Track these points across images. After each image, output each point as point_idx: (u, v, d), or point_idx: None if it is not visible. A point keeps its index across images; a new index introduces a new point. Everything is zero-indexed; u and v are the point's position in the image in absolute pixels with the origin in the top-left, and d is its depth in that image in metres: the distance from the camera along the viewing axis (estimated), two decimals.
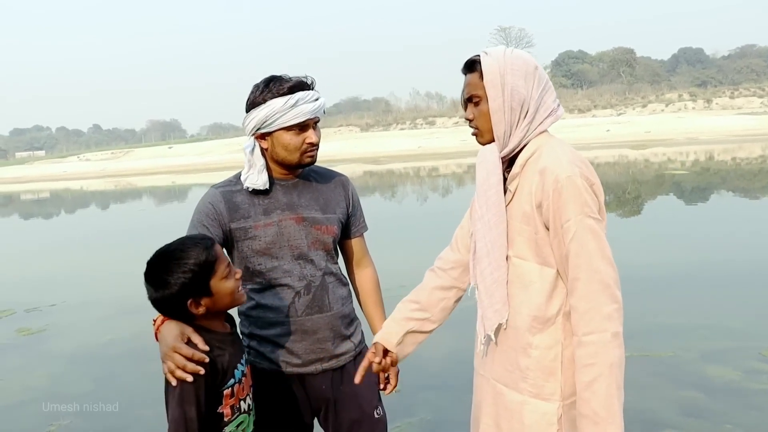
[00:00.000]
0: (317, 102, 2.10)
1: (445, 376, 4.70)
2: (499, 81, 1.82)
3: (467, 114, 1.93)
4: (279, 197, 2.17)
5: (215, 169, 39.95)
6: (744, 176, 18.85)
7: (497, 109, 1.83)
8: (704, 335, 5.27)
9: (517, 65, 1.83)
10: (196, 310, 1.77)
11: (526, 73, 1.83)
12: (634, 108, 60.63)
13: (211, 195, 2.18)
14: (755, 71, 74.34)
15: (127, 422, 4.42)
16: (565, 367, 1.83)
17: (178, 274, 1.74)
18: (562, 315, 1.82)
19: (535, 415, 1.84)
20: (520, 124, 1.84)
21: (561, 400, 1.83)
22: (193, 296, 1.76)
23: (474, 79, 1.87)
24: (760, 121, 42.99)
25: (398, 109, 76.01)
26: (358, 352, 2.27)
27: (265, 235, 2.12)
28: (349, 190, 2.32)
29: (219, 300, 1.80)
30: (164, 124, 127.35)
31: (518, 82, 1.82)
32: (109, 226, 17.49)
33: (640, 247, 8.91)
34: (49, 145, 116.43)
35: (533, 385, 1.84)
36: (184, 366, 1.72)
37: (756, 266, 7.55)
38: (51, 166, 62.15)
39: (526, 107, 1.83)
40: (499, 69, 1.82)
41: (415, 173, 25.56)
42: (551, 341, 1.83)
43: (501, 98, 1.82)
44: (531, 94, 1.83)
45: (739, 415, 3.87)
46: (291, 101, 2.05)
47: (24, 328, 6.97)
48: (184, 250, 1.78)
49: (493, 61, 1.84)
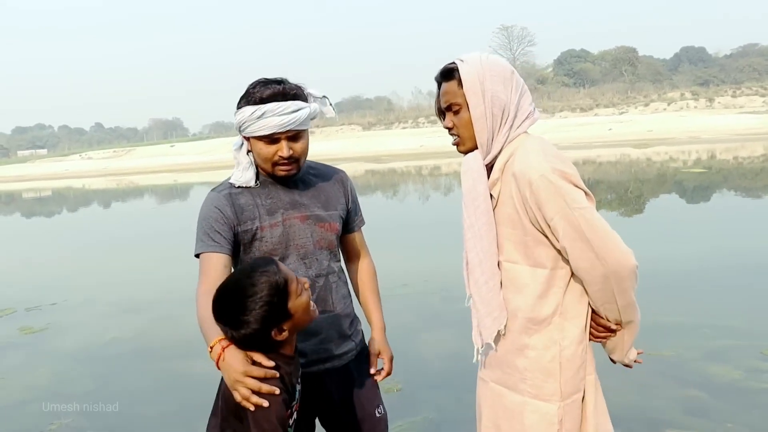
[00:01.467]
0: (294, 114, 1.99)
1: (447, 376, 4.69)
2: (479, 88, 1.81)
3: (446, 123, 1.91)
4: (281, 196, 2.14)
5: (217, 168, 39.96)
6: (746, 175, 18.82)
7: (479, 117, 1.82)
8: (707, 334, 5.26)
9: (495, 71, 1.83)
10: (281, 336, 1.72)
11: (504, 78, 1.84)
12: (636, 107, 60.50)
13: (215, 199, 2.11)
14: (757, 70, 74.19)
15: (129, 421, 4.41)
16: (563, 367, 1.83)
17: (256, 311, 1.66)
18: (558, 315, 1.83)
19: (535, 415, 1.84)
20: (501, 130, 1.84)
21: (561, 401, 1.83)
22: (275, 324, 1.70)
23: (452, 87, 1.86)
24: (763, 120, 42.87)
25: (400, 107, 75.92)
26: (359, 350, 2.28)
27: (272, 236, 2.10)
28: (347, 186, 2.30)
29: (299, 319, 1.75)
30: (166, 123, 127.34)
31: (497, 87, 1.82)
32: (111, 225, 17.51)
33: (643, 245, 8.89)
34: (51, 144, 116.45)
35: (532, 386, 1.84)
36: (260, 388, 1.66)
37: (758, 265, 7.54)
38: (53, 164, 62.19)
39: (507, 112, 1.83)
40: (478, 76, 1.81)
41: (417, 172, 25.54)
42: (548, 342, 1.83)
43: (482, 105, 1.81)
44: (510, 98, 1.84)
45: (742, 414, 3.86)
46: (258, 112, 1.98)
47: (26, 327, 6.97)
48: (255, 284, 1.68)
49: (471, 68, 1.83)
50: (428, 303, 6.39)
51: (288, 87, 2.03)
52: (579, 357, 1.86)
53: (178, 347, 5.88)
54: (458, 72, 1.84)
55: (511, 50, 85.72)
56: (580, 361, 1.87)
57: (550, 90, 71.40)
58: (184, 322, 6.37)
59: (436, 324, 5.81)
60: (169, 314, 6.99)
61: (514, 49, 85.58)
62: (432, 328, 5.75)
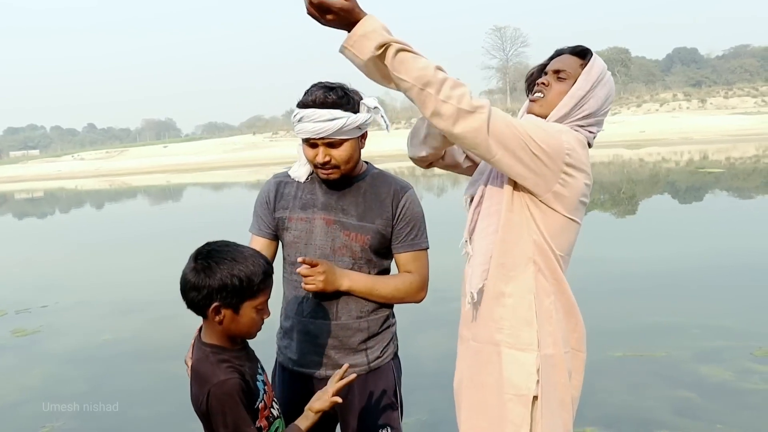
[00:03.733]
0: (328, 123, 2.01)
1: (441, 377, 4.68)
2: (595, 79, 1.95)
3: (544, 79, 2.01)
4: (319, 195, 2.19)
5: (210, 169, 39.87)
6: (738, 176, 18.91)
7: (573, 97, 1.93)
8: (697, 335, 5.29)
9: (610, 84, 1.99)
10: (214, 317, 1.71)
11: (609, 94, 1.99)
12: (628, 107, 60.75)
13: (268, 183, 2.28)
14: (749, 71, 74.65)
15: (123, 422, 4.41)
16: (540, 318, 1.87)
17: (226, 272, 1.67)
18: (532, 264, 1.87)
19: (513, 366, 1.86)
20: (571, 120, 1.95)
21: (538, 350, 1.85)
22: (221, 300, 1.69)
23: (575, 61, 1.98)
24: (754, 120, 43.14)
25: (393, 108, 75.90)
26: (373, 368, 2.21)
27: (296, 228, 2.17)
28: (400, 203, 2.18)
29: (238, 323, 1.73)
30: (159, 124, 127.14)
31: (601, 93, 1.96)
32: (104, 226, 17.46)
33: (637, 246, 8.95)
34: (43, 145, 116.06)
35: (509, 335, 1.87)
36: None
37: (749, 266, 7.59)
38: (45, 165, 61.92)
39: (586, 114, 1.95)
40: (601, 73, 1.96)
41: (411, 173, 25.52)
42: (524, 290, 1.87)
43: (583, 92, 1.93)
44: (599, 109, 1.97)
45: (732, 414, 3.89)
46: (298, 116, 2.06)
47: (19, 329, 6.95)
48: (246, 258, 1.71)
49: (602, 64, 1.98)
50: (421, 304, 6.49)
51: (330, 95, 2.04)
52: (556, 311, 1.89)
53: (172, 348, 5.85)
54: (591, 56, 1.98)
55: (504, 51, 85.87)
56: (557, 315, 1.90)
57: None
58: (178, 323, 6.35)
59: (428, 325, 5.82)
60: (163, 315, 6.97)
61: (507, 50, 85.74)
62: (425, 329, 5.76)
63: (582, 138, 1.94)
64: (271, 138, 68.79)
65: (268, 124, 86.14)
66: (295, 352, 2.21)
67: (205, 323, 1.78)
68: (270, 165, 39.48)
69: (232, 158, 49.73)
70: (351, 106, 2.06)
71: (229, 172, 37.73)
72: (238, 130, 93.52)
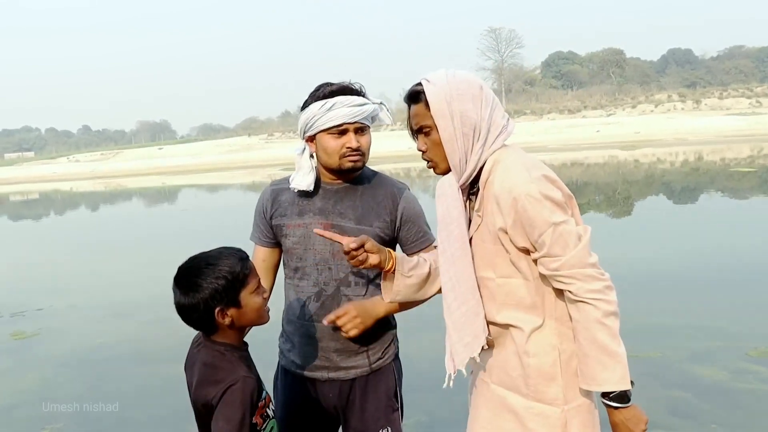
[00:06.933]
0: (361, 108, 2.09)
1: (437, 378, 4.69)
2: (447, 109, 1.75)
3: (419, 146, 1.88)
4: (316, 201, 2.19)
5: (205, 170, 39.81)
6: (732, 177, 18.96)
7: (449, 139, 1.77)
8: (692, 335, 5.32)
9: (462, 89, 1.77)
10: (223, 320, 1.75)
11: (473, 96, 1.77)
12: (623, 109, 60.89)
13: (264, 193, 2.30)
14: (743, 72, 74.85)
15: (120, 425, 4.42)
16: (564, 371, 1.82)
17: (210, 279, 1.72)
18: (554, 320, 1.82)
19: (539, 418, 1.83)
20: (474, 149, 1.79)
21: (564, 404, 1.82)
22: (222, 305, 1.74)
23: (420, 109, 1.81)
24: (749, 121, 43.29)
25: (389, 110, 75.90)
26: (375, 369, 2.23)
27: (294, 234, 2.18)
28: (399, 204, 2.20)
29: (245, 314, 1.78)
30: (154, 125, 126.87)
31: (466, 106, 1.76)
32: (99, 228, 17.43)
33: (628, 247, 8.97)
34: (38, 146, 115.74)
35: (535, 391, 1.82)
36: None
37: (744, 266, 7.63)
38: (40, 167, 61.80)
39: (478, 131, 1.78)
40: (444, 97, 1.76)
41: (406, 174, 25.55)
42: (547, 347, 1.82)
43: (451, 127, 1.76)
44: (481, 115, 1.77)
45: (726, 414, 3.92)
46: (328, 105, 2.07)
47: (18, 332, 6.94)
48: (219, 258, 1.76)
49: (437, 89, 1.77)
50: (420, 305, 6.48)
51: (353, 85, 2.13)
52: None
53: (168, 350, 5.86)
54: (424, 94, 1.79)
55: (499, 52, 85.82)
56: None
57: (538, 92, 71.43)
58: (173, 325, 6.35)
59: (425, 326, 5.82)
60: (159, 318, 6.97)
61: (502, 51, 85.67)
62: (421, 330, 5.76)
63: (539, 173, 1.75)
64: (267, 140, 68.77)
65: (263, 125, 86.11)
66: (297, 356, 2.22)
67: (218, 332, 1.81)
68: (265, 167, 39.45)
69: (228, 160, 49.70)
70: (367, 98, 2.15)
71: (225, 173, 37.64)
72: (234, 131, 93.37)
